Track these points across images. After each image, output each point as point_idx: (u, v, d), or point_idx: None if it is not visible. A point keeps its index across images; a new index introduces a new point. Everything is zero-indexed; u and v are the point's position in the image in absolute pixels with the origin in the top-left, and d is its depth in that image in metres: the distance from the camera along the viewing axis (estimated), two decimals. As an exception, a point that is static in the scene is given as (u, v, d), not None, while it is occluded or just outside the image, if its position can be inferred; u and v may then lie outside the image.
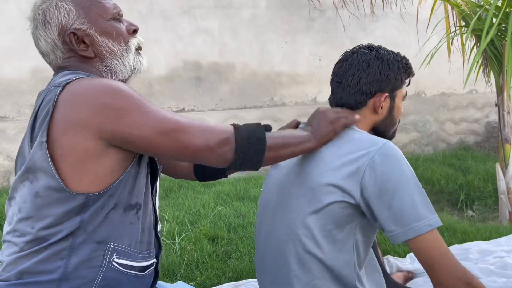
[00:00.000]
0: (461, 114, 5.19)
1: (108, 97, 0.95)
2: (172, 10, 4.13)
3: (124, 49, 1.09)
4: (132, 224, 1.04)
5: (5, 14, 3.68)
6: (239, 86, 4.42)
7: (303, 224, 1.13)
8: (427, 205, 1.07)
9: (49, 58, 1.09)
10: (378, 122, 1.25)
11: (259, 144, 1.01)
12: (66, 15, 1.05)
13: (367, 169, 1.08)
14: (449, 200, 3.65)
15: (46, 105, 0.98)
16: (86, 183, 0.96)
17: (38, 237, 0.97)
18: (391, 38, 4.83)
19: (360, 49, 1.24)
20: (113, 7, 1.10)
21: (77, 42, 1.06)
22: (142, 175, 1.06)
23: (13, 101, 3.78)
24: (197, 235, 2.62)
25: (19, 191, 1.01)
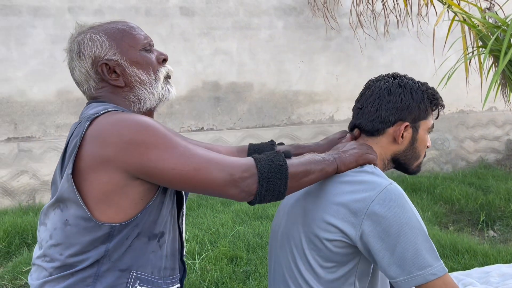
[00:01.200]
0: (481, 131, 5.14)
1: (134, 133, 0.98)
2: (192, 32, 4.25)
3: (153, 78, 1.13)
4: (154, 252, 1.07)
5: (33, 38, 3.84)
6: (257, 105, 4.49)
7: (304, 259, 1.13)
8: (432, 252, 1.02)
9: (83, 88, 1.15)
10: (398, 153, 1.20)
11: (281, 174, 1.01)
12: (99, 47, 1.10)
13: (366, 215, 1.04)
14: (470, 220, 3.60)
15: (74, 138, 1.02)
16: (111, 214, 1.00)
17: (66, 264, 1.02)
18: (408, 57, 4.86)
19: (384, 77, 1.22)
20: (144, 37, 1.14)
21: (109, 72, 1.11)
22: (167, 204, 1.09)
23: (40, 121, 3.92)
24: (216, 255, 2.65)
25: (51, 218, 1.06)
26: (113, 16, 4.00)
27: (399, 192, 1.06)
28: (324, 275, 1.11)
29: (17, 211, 3.61)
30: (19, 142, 3.86)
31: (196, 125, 4.32)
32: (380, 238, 1.02)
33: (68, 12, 3.93)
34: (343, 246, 1.08)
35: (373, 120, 1.18)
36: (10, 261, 2.86)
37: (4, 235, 3.02)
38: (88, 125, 1.01)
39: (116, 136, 0.98)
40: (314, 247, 1.11)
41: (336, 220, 1.07)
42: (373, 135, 1.20)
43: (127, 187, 0.99)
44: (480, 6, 3.32)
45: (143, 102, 1.13)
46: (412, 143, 1.20)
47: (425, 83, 1.22)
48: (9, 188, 3.81)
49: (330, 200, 1.10)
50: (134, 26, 1.16)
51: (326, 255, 1.10)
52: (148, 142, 0.97)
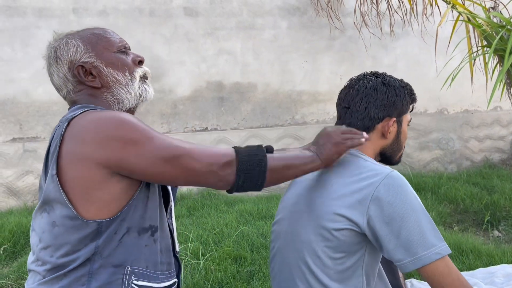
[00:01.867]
0: (486, 131, 5.12)
1: (111, 129, 0.99)
2: (196, 32, 4.25)
3: (129, 78, 1.15)
4: (147, 246, 1.08)
5: (38, 39, 3.86)
6: (261, 105, 4.49)
7: (312, 252, 1.16)
8: (436, 233, 1.07)
9: (63, 92, 1.17)
10: (385, 147, 1.26)
11: (260, 166, 1.04)
12: (75, 50, 1.13)
13: (372, 200, 1.09)
14: (474, 220, 3.59)
15: (55, 139, 1.04)
16: (95, 210, 1.01)
17: (57, 265, 1.03)
18: (412, 56, 4.84)
19: (366, 76, 1.28)
20: (119, 40, 1.18)
21: (85, 74, 1.13)
22: (154, 199, 1.10)
23: (45, 122, 3.94)
24: (220, 255, 2.65)
25: (38, 221, 1.07)
26: (117, 17, 4.01)
27: (401, 178, 1.12)
28: (333, 266, 1.14)
29: (22, 211, 3.63)
30: (24, 142, 3.88)
31: (200, 125, 4.33)
32: (386, 223, 1.07)
33: (73, 13, 3.95)
34: (351, 235, 1.12)
35: (363, 118, 1.23)
36: (15, 260, 2.87)
37: (10, 235, 3.04)
38: (67, 125, 1.03)
39: (93, 132, 1.00)
40: (322, 239, 1.14)
41: (343, 210, 1.11)
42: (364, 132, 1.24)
43: (107, 182, 1.01)
44: (485, 6, 3.31)
45: (121, 102, 1.15)
46: (397, 136, 1.27)
47: (401, 79, 1.29)
48: (14, 188, 3.84)
49: (335, 191, 1.15)
50: (108, 31, 1.19)
51: (335, 245, 1.13)
52: (126, 137, 0.99)
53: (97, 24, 3.97)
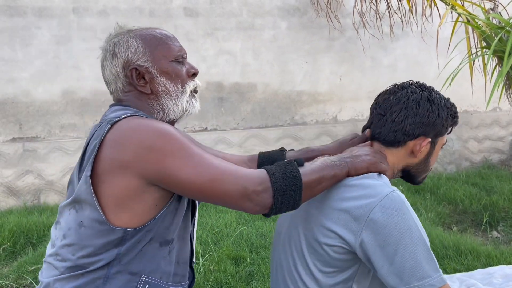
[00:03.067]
0: (485, 132, 5.13)
1: (153, 140, 0.98)
2: (196, 33, 4.26)
3: (180, 91, 1.14)
4: (164, 258, 1.08)
5: (38, 38, 3.86)
6: (260, 105, 4.50)
7: (304, 263, 1.13)
8: (431, 263, 1.01)
9: (111, 87, 1.17)
10: (411, 165, 1.19)
11: (295, 185, 1.00)
12: (133, 51, 1.11)
13: (367, 222, 1.03)
14: (473, 221, 3.60)
15: (94, 140, 1.04)
16: (125, 219, 1.01)
17: (77, 264, 1.03)
18: (412, 57, 4.85)
19: (411, 86, 1.18)
20: (178, 49, 1.15)
21: (138, 77, 1.12)
22: (181, 212, 1.09)
23: (44, 122, 3.94)
24: (220, 255, 2.66)
25: (65, 217, 1.07)
26: (117, 17, 4.02)
27: (401, 200, 1.04)
28: (323, 280, 1.11)
29: (22, 211, 3.64)
30: (24, 142, 3.89)
31: (199, 125, 4.34)
32: (380, 247, 1.02)
33: (73, 13, 3.95)
34: (342, 252, 1.08)
35: (396, 130, 1.15)
36: (15, 260, 2.88)
37: (9, 234, 3.05)
38: (109, 128, 1.02)
39: (136, 141, 0.99)
40: (314, 251, 1.11)
41: (336, 227, 1.07)
42: (392, 146, 1.17)
43: (143, 193, 1.00)
44: (484, 7, 3.32)
45: (166, 112, 1.14)
46: (427, 157, 1.19)
47: (448, 98, 1.21)
48: (14, 188, 3.84)
49: (331, 206, 1.10)
50: (170, 36, 1.17)
51: (326, 260, 1.10)
52: (166, 149, 0.98)
53: (97, 24, 3.98)
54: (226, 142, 4.35)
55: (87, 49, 3.97)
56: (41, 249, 2.88)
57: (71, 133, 4.01)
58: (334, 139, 4.62)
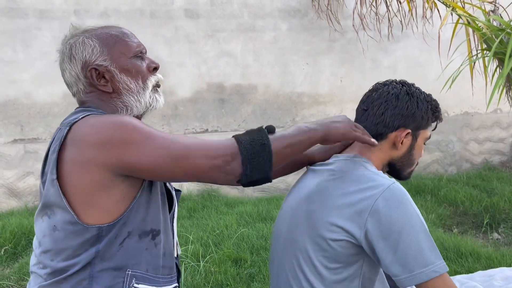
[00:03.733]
0: (486, 133, 5.13)
1: (111, 131, 0.99)
2: (196, 34, 4.27)
3: (141, 87, 1.13)
4: (148, 249, 1.07)
5: (39, 40, 3.87)
6: (261, 107, 4.50)
7: (308, 261, 1.15)
8: (434, 250, 1.05)
9: (72, 90, 1.15)
10: (395, 158, 1.23)
11: (264, 152, 1.00)
12: (90, 51, 1.10)
13: (370, 213, 1.06)
14: (474, 223, 3.60)
15: (55, 143, 1.03)
16: (96, 215, 1.01)
17: (57, 269, 1.03)
18: (412, 58, 4.85)
19: (392, 83, 1.24)
20: (137, 45, 1.15)
21: (98, 77, 1.11)
22: (155, 202, 1.09)
23: (46, 123, 3.95)
24: (220, 257, 2.66)
25: (39, 225, 1.07)
26: (118, 19, 4.02)
27: (402, 191, 1.08)
28: (328, 276, 1.12)
29: (23, 212, 3.64)
30: (25, 143, 3.89)
31: (200, 126, 4.34)
32: (383, 237, 1.05)
33: (74, 15, 3.96)
34: (348, 246, 1.10)
35: (377, 123, 1.20)
36: (16, 262, 2.88)
37: (11, 236, 3.05)
38: (68, 130, 1.02)
39: (95, 135, 0.99)
40: (319, 248, 1.13)
41: (341, 221, 1.09)
42: (376, 139, 1.21)
43: (109, 186, 1.00)
44: (484, 9, 3.32)
45: (130, 109, 1.13)
46: (409, 150, 1.23)
47: (429, 94, 1.25)
48: (15, 189, 3.85)
49: (333, 201, 1.13)
50: (127, 33, 1.16)
51: (332, 256, 1.12)
52: (126, 138, 0.98)
53: (99, 25, 3.98)
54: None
55: (88, 50, 3.97)
56: (42, 251, 2.89)
57: (72, 134, 4.01)
58: (335, 140, 4.61)
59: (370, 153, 1.21)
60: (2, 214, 3.60)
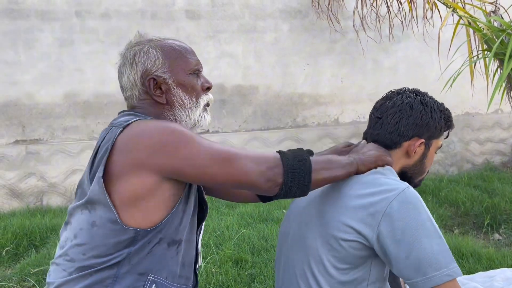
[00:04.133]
0: (487, 134, 5.13)
1: (163, 135, 1.03)
2: (197, 35, 4.28)
3: (194, 104, 1.18)
4: (172, 258, 1.10)
5: (40, 41, 3.89)
6: (262, 108, 4.51)
7: (318, 259, 1.16)
8: (447, 254, 1.06)
9: (126, 94, 1.20)
10: (407, 167, 1.24)
11: (305, 166, 1.05)
12: (153, 61, 1.15)
13: (384, 216, 1.07)
14: (475, 223, 3.60)
15: (106, 143, 1.07)
16: (138, 218, 1.04)
17: (86, 265, 1.05)
18: (413, 59, 4.86)
19: (406, 91, 1.26)
20: (196, 63, 1.19)
21: (155, 87, 1.15)
22: (188, 213, 1.12)
23: (47, 124, 3.96)
24: (221, 257, 2.67)
25: (77, 217, 1.09)
26: (119, 20, 4.04)
27: (416, 195, 1.10)
28: (337, 276, 1.13)
29: (25, 213, 3.65)
30: (27, 144, 3.91)
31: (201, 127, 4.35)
32: (396, 240, 1.06)
33: (75, 16, 3.97)
34: (359, 248, 1.11)
35: (391, 132, 1.22)
36: (18, 262, 2.89)
37: (12, 237, 3.06)
38: (120, 131, 1.06)
39: (147, 139, 1.03)
40: (330, 247, 1.14)
41: (354, 222, 1.10)
42: (390, 148, 1.24)
43: (157, 190, 1.04)
44: (485, 9, 3.33)
45: (178, 123, 1.16)
46: (422, 159, 1.25)
47: (442, 103, 1.27)
48: (17, 190, 3.86)
49: (347, 202, 1.14)
50: (189, 49, 1.20)
51: (342, 256, 1.12)
52: (178, 141, 1.03)
53: (100, 27, 4.00)
54: (228, 144, 4.36)
55: (89, 51, 3.99)
56: (44, 251, 2.90)
57: (74, 135, 4.03)
58: (336, 141, 4.62)
59: None
60: (4, 215, 3.61)
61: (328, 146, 4.63)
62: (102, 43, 4.03)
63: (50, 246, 2.93)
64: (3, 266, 2.87)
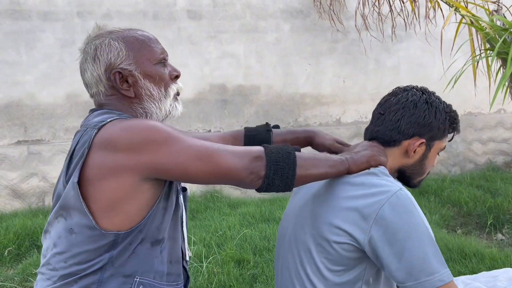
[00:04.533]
0: (489, 134, 5.11)
1: (142, 135, 0.99)
2: (199, 35, 4.27)
3: (163, 94, 1.13)
4: (156, 257, 1.07)
5: (42, 42, 3.89)
6: (264, 108, 4.50)
7: (312, 261, 1.14)
8: (439, 259, 1.03)
9: (91, 91, 1.14)
10: (406, 166, 1.21)
11: (289, 159, 1.02)
12: (116, 54, 1.09)
13: (376, 219, 1.05)
14: (478, 223, 3.59)
15: (81, 146, 1.02)
16: (117, 222, 1.01)
17: (69, 272, 1.02)
18: (415, 59, 4.85)
19: (412, 89, 1.22)
20: (161, 51, 1.14)
21: (121, 81, 1.10)
22: (170, 210, 1.09)
23: (49, 125, 3.96)
24: (223, 258, 2.66)
25: (54, 226, 1.06)
26: (121, 20, 4.03)
27: (408, 198, 1.07)
28: (331, 278, 1.12)
29: (27, 213, 3.65)
30: (29, 145, 3.91)
31: (203, 127, 4.35)
32: (389, 243, 1.04)
33: (77, 17, 3.97)
34: (351, 250, 1.09)
35: (392, 129, 1.19)
36: (20, 263, 2.89)
37: (14, 237, 3.06)
38: (95, 133, 1.01)
39: (126, 140, 0.99)
40: (322, 250, 1.12)
41: (345, 224, 1.09)
42: (389, 145, 1.21)
43: (136, 192, 1.00)
44: (488, 8, 3.31)
45: (149, 116, 1.13)
46: (422, 159, 1.21)
47: (449, 105, 1.24)
48: (19, 190, 3.86)
49: (339, 204, 1.12)
50: (152, 38, 1.15)
51: (334, 258, 1.11)
52: (157, 140, 0.99)
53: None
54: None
55: (91, 52, 3.99)
56: (46, 252, 2.89)
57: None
58: (338, 141, 4.61)
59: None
60: (6, 215, 3.61)
61: (330, 146, 4.61)
62: (104, 44, 4.02)
63: (52, 247, 2.93)
64: (5, 266, 2.87)
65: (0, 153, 3.83)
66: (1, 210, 3.78)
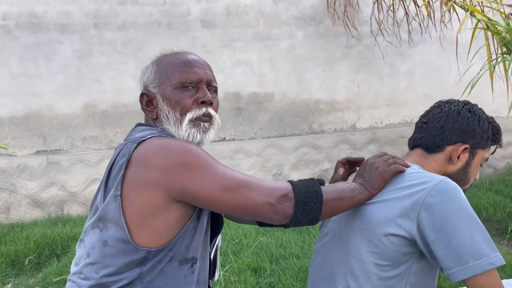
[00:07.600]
0: (508, 138, 5.03)
1: (177, 156, 1.01)
2: (213, 44, 4.31)
3: (178, 119, 1.12)
4: (185, 277, 1.09)
5: (60, 54, 3.97)
6: (278, 115, 4.51)
7: (357, 256, 1.15)
8: (489, 243, 1.03)
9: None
10: (449, 173, 1.22)
11: (316, 198, 1.05)
12: (147, 77, 1.17)
13: (423, 205, 1.06)
14: (497, 229, 3.52)
15: (121, 159, 1.05)
16: (147, 237, 1.03)
17: (100, 283, 1.05)
18: (430, 63, 4.80)
19: (456, 101, 1.26)
20: (187, 75, 1.12)
21: (147, 102, 1.16)
22: (200, 230, 1.10)
23: (67, 135, 4.03)
24: (240, 266, 2.67)
25: (89, 236, 1.09)
26: (136, 31, 4.10)
27: (455, 185, 1.08)
28: (377, 272, 1.12)
29: (47, 222, 3.72)
30: (48, 155, 3.98)
31: (218, 135, 4.37)
32: (436, 229, 1.04)
33: (94, 28, 4.05)
34: (401, 243, 1.10)
35: (435, 135, 1.22)
36: (40, 271, 2.94)
37: (35, 246, 3.11)
38: (135, 147, 1.04)
39: (161, 159, 1.01)
40: (370, 244, 1.13)
41: (394, 216, 1.10)
42: (433, 151, 1.23)
43: (165, 209, 1.02)
44: (504, 12, 3.27)
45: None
46: (465, 167, 1.23)
47: (492, 117, 1.26)
48: (38, 199, 3.93)
49: (386, 196, 1.13)
50: (190, 62, 1.14)
51: (383, 252, 1.12)
52: (191, 164, 1.00)
53: (117, 38, 4.07)
54: (244, 151, 4.37)
55: (107, 62, 4.06)
56: (65, 260, 2.94)
57: (93, 145, 4.09)
58: (353, 147, 4.59)
59: (425, 163, 1.23)
60: (26, 225, 3.68)
61: (345, 152, 4.59)
62: (120, 54, 4.09)
63: (71, 255, 2.97)
64: (25, 275, 2.92)
65: (20, 163, 3.91)
66: (22, 219, 3.85)
